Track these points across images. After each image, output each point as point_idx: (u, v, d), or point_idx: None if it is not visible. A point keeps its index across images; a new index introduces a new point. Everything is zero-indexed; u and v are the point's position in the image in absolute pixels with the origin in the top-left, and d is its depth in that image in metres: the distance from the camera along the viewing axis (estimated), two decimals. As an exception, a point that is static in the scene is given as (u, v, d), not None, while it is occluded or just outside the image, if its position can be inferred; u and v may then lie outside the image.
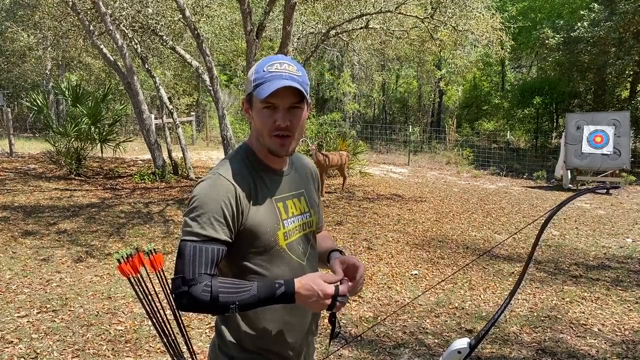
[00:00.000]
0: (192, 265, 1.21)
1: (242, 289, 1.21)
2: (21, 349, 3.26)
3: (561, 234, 7.05)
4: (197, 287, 1.20)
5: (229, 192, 1.27)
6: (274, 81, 1.26)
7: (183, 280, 1.21)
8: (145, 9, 9.50)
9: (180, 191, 8.93)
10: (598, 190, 1.38)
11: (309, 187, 1.52)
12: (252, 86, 1.31)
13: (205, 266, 1.22)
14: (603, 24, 14.37)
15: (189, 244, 1.23)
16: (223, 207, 1.25)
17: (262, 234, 1.32)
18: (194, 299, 1.20)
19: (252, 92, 1.31)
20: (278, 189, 1.39)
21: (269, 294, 1.21)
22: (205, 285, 1.20)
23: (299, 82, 1.29)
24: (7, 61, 19.38)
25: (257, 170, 1.36)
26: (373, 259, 5.59)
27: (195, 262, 1.22)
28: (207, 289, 1.19)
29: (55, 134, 9.91)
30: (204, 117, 20.08)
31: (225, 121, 8.28)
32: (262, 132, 1.33)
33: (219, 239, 1.24)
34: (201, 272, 1.21)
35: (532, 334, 3.76)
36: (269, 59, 1.33)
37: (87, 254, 5.29)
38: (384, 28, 10.62)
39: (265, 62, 1.31)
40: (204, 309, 1.22)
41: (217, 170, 1.32)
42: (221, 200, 1.25)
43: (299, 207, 1.44)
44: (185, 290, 1.21)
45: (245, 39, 7.83)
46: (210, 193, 1.27)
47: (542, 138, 18.86)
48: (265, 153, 1.37)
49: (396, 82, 27.03)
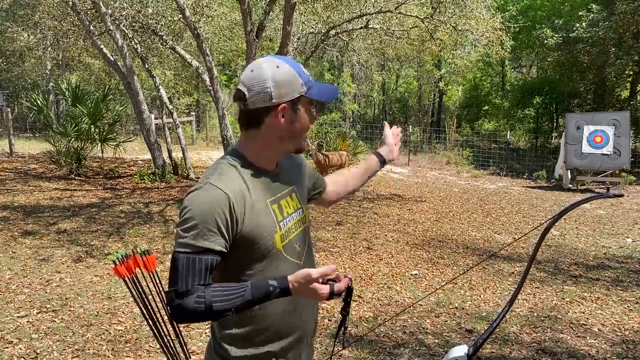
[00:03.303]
0: (185, 278, 1.20)
1: (235, 293, 1.20)
2: (21, 349, 3.26)
3: (561, 234, 7.05)
4: (190, 299, 1.19)
5: (222, 201, 1.23)
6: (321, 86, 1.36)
7: (176, 294, 1.20)
8: (145, 9, 9.50)
9: (180, 191, 8.93)
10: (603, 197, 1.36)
11: (298, 181, 1.50)
12: (302, 88, 1.31)
13: (199, 277, 1.20)
14: (602, 24, 14.36)
15: (181, 255, 1.21)
16: (217, 218, 1.22)
17: (260, 238, 1.30)
18: (188, 312, 1.19)
19: (301, 95, 1.31)
20: (271, 191, 1.37)
21: (262, 295, 1.21)
22: (198, 296, 1.19)
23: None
24: (7, 61, 19.36)
25: (249, 175, 1.33)
26: (373, 259, 5.59)
27: (188, 274, 1.20)
28: (200, 300, 1.19)
29: (55, 134, 9.91)
30: (204, 117, 20.07)
31: (225, 121, 8.28)
32: (302, 133, 1.36)
33: (213, 250, 1.22)
34: (194, 283, 1.20)
35: (532, 334, 3.76)
36: (291, 61, 1.33)
37: (87, 254, 5.29)
38: (384, 28, 10.62)
39: (294, 64, 1.32)
40: (200, 319, 1.22)
41: (208, 179, 1.28)
42: (215, 210, 1.22)
43: (292, 205, 1.42)
44: (179, 303, 1.20)
45: (245, 39, 7.83)
46: (202, 204, 1.23)
47: (542, 138, 18.86)
48: (267, 160, 1.37)
49: (396, 82, 27.02)
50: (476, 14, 9.83)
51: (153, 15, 9.63)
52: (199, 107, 20.76)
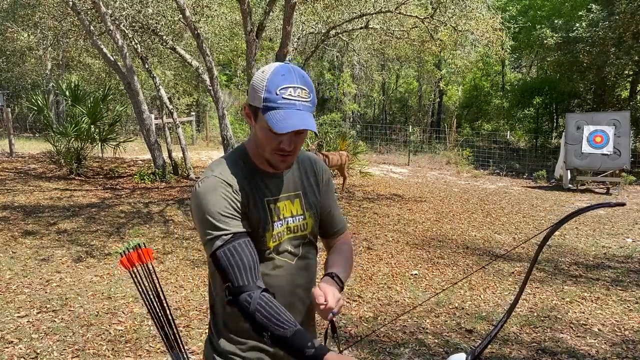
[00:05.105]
0: (233, 272, 1.22)
1: (280, 321, 1.19)
2: (21, 349, 3.26)
3: (561, 234, 7.05)
4: (242, 297, 1.21)
5: (227, 188, 1.28)
6: (288, 115, 1.21)
7: (229, 290, 1.23)
8: (145, 9, 9.49)
9: (180, 191, 8.93)
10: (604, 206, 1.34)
11: (308, 188, 1.46)
12: (260, 103, 1.24)
13: (250, 271, 1.23)
14: (602, 24, 14.37)
15: (217, 252, 1.24)
16: (228, 202, 1.27)
17: (254, 232, 1.32)
18: (240, 308, 1.22)
19: (258, 107, 1.25)
20: (272, 190, 1.37)
21: (299, 346, 1.17)
22: (249, 295, 1.20)
23: (310, 110, 1.25)
24: (7, 61, 19.36)
25: (252, 172, 1.35)
26: (373, 259, 5.59)
27: (233, 267, 1.22)
28: (247, 302, 1.20)
29: (55, 134, 9.90)
30: (204, 117, 20.07)
31: (225, 121, 8.28)
32: (265, 148, 1.30)
33: (239, 232, 1.26)
34: (247, 281, 1.22)
35: (532, 334, 3.76)
36: (281, 76, 1.23)
37: (87, 254, 5.29)
38: (384, 28, 10.62)
39: (278, 80, 1.22)
40: (246, 319, 1.22)
41: (212, 172, 1.31)
42: (223, 196, 1.26)
43: (289, 209, 1.41)
44: (231, 299, 1.23)
45: (245, 39, 7.83)
46: (211, 195, 1.27)
47: (542, 138, 18.86)
48: (261, 160, 1.36)
49: (396, 82, 27.02)
50: (476, 14, 9.84)
51: (153, 15, 9.62)
52: (199, 107, 20.76)
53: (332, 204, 1.55)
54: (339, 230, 1.59)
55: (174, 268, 5.01)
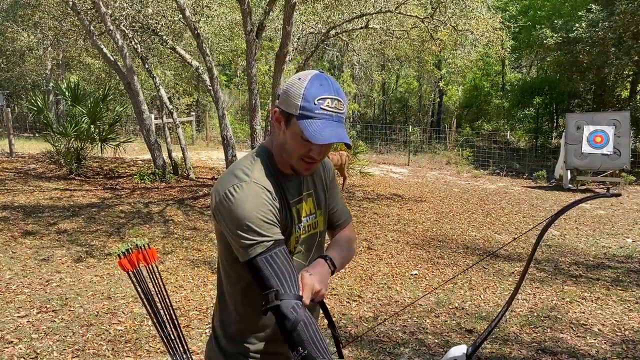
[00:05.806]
0: (277, 278, 1.22)
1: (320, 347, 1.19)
2: (21, 349, 3.26)
3: (561, 234, 7.05)
4: (288, 303, 1.20)
5: (267, 195, 1.27)
6: (325, 125, 1.22)
7: (277, 295, 1.21)
8: (145, 9, 9.49)
9: (180, 191, 8.93)
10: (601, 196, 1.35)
11: (317, 186, 1.49)
12: (296, 110, 1.24)
13: (293, 281, 1.22)
14: (602, 24, 14.37)
15: (257, 259, 1.23)
16: (270, 209, 1.26)
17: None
18: (282, 315, 1.20)
19: (293, 114, 1.25)
20: (292, 193, 1.38)
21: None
22: (297, 305, 1.20)
23: (343, 121, 1.28)
24: (7, 61, 19.36)
25: (276, 176, 1.35)
26: (373, 259, 5.59)
27: (277, 273, 1.22)
28: (293, 312, 1.19)
29: (55, 134, 9.90)
30: (204, 117, 20.08)
31: (225, 121, 8.28)
32: (292, 154, 1.30)
33: (280, 239, 1.25)
34: (292, 289, 1.21)
35: (532, 334, 3.76)
36: (319, 85, 1.25)
37: (87, 254, 5.29)
38: (384, 28, 10.62)
39: (316, 90, 1.24)
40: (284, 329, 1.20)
41: (247, 177, 1.28)
42: (264, 203, 1.25)
43: (305, 209, 1.42)
44: (277, 304, 1.20)
45: (245, 39, 7.83)
46: (251, 201, 1.24)
47: (542, 138, 18.86)
48: (284, 164, 1.35)
49: (396, 82, 27.02)
50: (476, 14, 9.83)
51: (153, 15, 9.63)
52: (199, 107, 20.77)
53: (337, 199, 1.58)
54: (344, 222, 1.62)
55: (174, 268, 5.01)
